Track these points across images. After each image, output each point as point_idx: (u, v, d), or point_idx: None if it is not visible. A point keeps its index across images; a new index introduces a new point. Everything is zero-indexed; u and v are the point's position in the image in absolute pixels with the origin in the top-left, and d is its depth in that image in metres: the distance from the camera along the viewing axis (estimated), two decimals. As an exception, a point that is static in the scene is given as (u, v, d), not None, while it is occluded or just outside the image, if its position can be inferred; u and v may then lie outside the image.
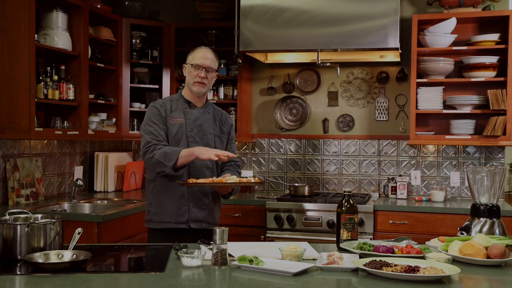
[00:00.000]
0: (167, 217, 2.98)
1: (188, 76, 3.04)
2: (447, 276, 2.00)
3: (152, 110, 3.02)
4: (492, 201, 2.60)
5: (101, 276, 2.03)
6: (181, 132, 3.01)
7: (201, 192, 3.02)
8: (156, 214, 3.01)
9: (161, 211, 2.99)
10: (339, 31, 4.07)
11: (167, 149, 2.87)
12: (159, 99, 3.16)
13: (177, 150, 2.84)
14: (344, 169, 4.86)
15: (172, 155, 2.82)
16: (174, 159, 2.81)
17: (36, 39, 3.76)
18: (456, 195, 4.63)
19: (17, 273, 2.08)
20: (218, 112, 3.19)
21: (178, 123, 3.01)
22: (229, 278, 2.06)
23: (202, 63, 2.99)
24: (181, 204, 2.99)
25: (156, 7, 5.22)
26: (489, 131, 4.16)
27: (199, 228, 3.00)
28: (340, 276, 2.08)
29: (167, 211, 2.98)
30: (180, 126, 3.01)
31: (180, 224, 2.98)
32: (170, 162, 2.81)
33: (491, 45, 4.26)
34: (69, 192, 4.47)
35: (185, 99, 3.08)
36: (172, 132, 3.00)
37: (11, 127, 3.66)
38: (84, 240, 3.36)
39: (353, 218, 2.54)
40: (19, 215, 2.43)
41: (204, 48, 3.07)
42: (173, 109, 3.04)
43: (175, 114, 3.03)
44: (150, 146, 2.89)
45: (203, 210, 3.03)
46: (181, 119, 3.02)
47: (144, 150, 2.91)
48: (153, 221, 3.02)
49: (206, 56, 3.01)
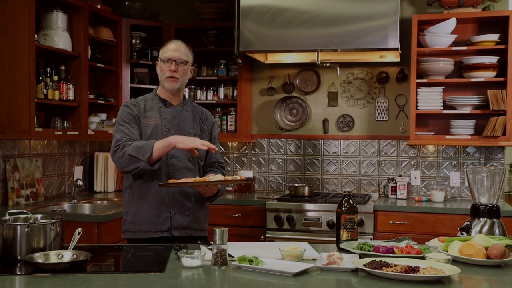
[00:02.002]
0: (146, 225, 2.73)
1: (160, 72, 2.82)
2: (447, 276, 1.99)
3: (124, 110, 2.78)
4: (492, 201, 2.60)
5: (101, 277, 2.02)
6: (156, 133, 2.76)
7: (183, 196, 2.77)
8: (133, 223, 2.75)
9: (139, 219, 2.74)
10: (339, 31, 4.06)
11: (138, 143, 2.63)
12: (132, 98, 2.91)
13: (151, 142, 2.61)
14: (344, 169, 4.86)
15: (145, 148, 2.58)
16: (148, 152, 2.56)
17: (36, 39, 3.77)
18: (456, 195, 4.62)
19: (17, 274, 2.07)
20: (197, 110, 2.95)
21: (153, 123, 2.77)
22: (229, 279, 2.05)
23: (172, 55, 2.76)
24: (161, 211, 2.74)
25: (156, 7, 5.21)
26: (489, 131, 4.16)
27: (183, 235, 2.75)
28: (340, 276, 2.07)
29: (146, 219, 2.73)
30: (155, 127, 2.77)
31: (162, 233, 2.73)
32: (144, 155, 2.56)
33: (491, 45, 4.26)
34: (69, 192, 4.48)
35: (160, 98, 2.84)
36: (147, 133, 2.75)
37: (11, 127, 3.65)
38: (84, 240, 3.35)
39: (353, 218, 2.53)
40: (19, 216, 2.42)
41: (175, 41, 2.85)
42: (147, 108, 2.81)
43: (150, 114, 2.79)
44: (120, 145, 2.64)
45: (187, 215, 2.78)
46: (156, 119, 2.78)
47: (114, 149, 2.65)
48: (129, 231, 2.76)
49: (177, 48, 2.78)
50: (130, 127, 2.73)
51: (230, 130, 4.86)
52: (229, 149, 5.10)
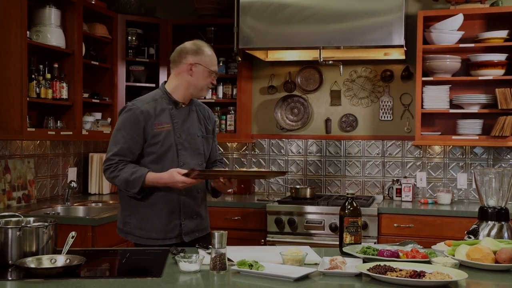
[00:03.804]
0: (155, 233, 2.71)
1: (199, 77, 2.74)
2: (454, 281, 1.98)
3: (129, 117, 2.67)
4: (500, 203, 2.58)
5: (96, 282, 2.02)
6: (169, 140, 2.69)
7: (193, 200, 2.77)
8: (140, 228, 2.72)
9: (147, 226, 2.71)
10: (342, 28, 4.05)
11: (128, 175, 2.60)
12: (138, 101, 2.73)
13: (142, 175, 2.59)
14: (347, 170, 4.82)
15: (135, 182, 2.59)
16: (137, 187, 2.59)
17: (28, 36, 3.75)
18: (463, 198, 4.60)
19: (8, 279, 2.05)
20: (201, 109, 2.90)
21: (165, 130, 2.69)
22: (228, 284, 2.04)
23: (216, 69, 2.79)
24: (171, 219, 2.72)
25: (152, 3, 5.19)
26: (497, 131, 4.14)
27: (192, 239, 2.76)
28: (343, 281, 2.06)
29: (155, 227, 2.71)
30: (167, 133, 2.69)
31: (170, 240, 2.71)
32: (133, 189, 2.61)
33: (499, 42, 4.24)
34: (62, 194, 4.45)
35: (171, 98, 2.76)
36: (158, 141, 2.68)
37: (2, 127, 3.62)
38: (78, 244, 3.32)
39: (357, 221, 2.51)
40: (10, 219, 2.40)
41: (212, 50, 2.82)
42: (158, 112, 2.69)
43: (161, 119, 2.69)
44: (112, 165, 2.63)
45: (195, 219, 2.79)
46: (168, 125, 2.70)
47: (105, 168, 2.66)
48: (135, 235, 2.73)
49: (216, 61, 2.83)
50: (129, 141, 2.65)
51: (229, 130, 4.83)
52: (228, 150, 5.07)
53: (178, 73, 2.76)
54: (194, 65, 2.73)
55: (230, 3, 4.56)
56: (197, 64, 2.73)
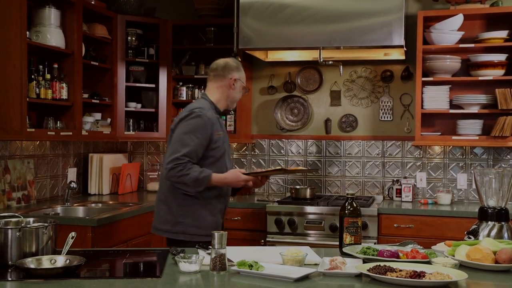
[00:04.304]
0: (206, 230, 2.94)
1: (237, 92, 3.14)
2: (454, 281, 1.99)
3: (199, 123, 2.94)
4: (500, 204, 2.59)
5: (96, 282, 2.02)
6: (223, 146, 3.05)
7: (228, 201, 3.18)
8: (195, 226, 2.99)
9: (201, 223, 2.99)
10: (342, 28, 4.04)
11: (197, 174, 2.87)
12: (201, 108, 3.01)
13: (208, 177, 2.89)
14: (347, 170, 4.81)
15: (203, 181, 2.88)
16: (204, 185, 2.89)
17: (28, 36, 3.73)
18: (463, 198, 4.59)
19: (7, 279, 2.06)
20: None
21: (221, 137, 3.04)
22: (228, 284, 2.05)
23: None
24: (218, 217, 3.09)
25: (152, 3, 5.18)
26: (497, 131, 4.13)
27: None
28: (343, 281, 2.07)
29: (208, 224, 3.00)
30: (222, 140, 3.05)
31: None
32: (199, 187, 2.89)
33: (500, 42, 4.23)
34: (62, 195, 4.43)
35: (217, 108, 3.11)
36: (217, 146, 3.01)
37: (1, 127, 3.61)
38: (78, 244, 3.31)
39: (357, 221, 2.51)
40: (10, 219, 2.40)
41: None
42: (214, 120, 3.02)
43: (217, 127, 3.03)
44: (181, 164, 2.86)
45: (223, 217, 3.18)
46: (221, 132, 3.05)
47: (173, 166, 2.87)
48: (188, 233, 2.99)
49: None
50: (198, 145, 2.92)
51: (229, 131, 4.80)
52: (228, 150, 5.01)
53: (220, 86, 3.11)
54: (236, 80, 3.12)
55: (230, 3, 4.56)
56: (238, 80, 3.12)
